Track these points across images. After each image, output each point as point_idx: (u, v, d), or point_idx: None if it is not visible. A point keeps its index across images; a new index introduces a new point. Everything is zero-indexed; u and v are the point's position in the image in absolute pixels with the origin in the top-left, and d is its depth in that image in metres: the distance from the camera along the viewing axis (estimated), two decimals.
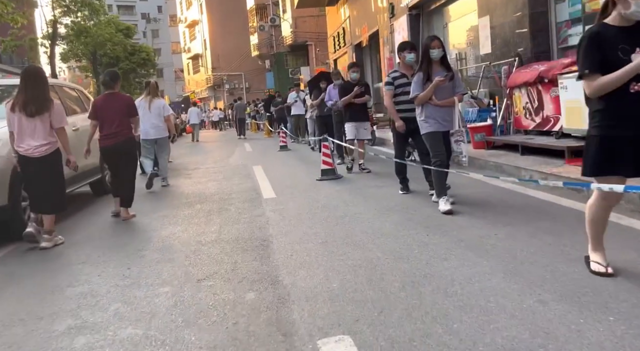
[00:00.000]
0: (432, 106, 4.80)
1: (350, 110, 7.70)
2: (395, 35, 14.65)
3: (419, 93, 4.80)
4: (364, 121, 7.80)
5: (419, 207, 5.16)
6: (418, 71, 4.92)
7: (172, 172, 10.51)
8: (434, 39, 4.84)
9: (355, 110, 7.65)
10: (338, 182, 7.33)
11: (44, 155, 4.64)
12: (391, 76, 5.67)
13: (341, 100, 7.75)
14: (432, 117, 4.83)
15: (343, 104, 7.71)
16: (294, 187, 7.25)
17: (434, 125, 4.84)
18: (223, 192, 7.38)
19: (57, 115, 4.71)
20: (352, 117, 7.69)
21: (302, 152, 12.83)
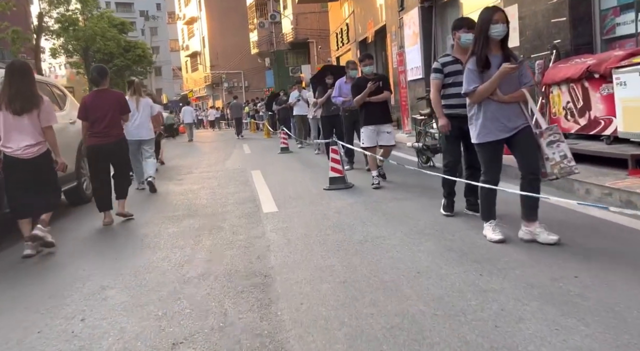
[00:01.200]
0: (496, 104, 3.55)
1: (367, 111, 6.39)
2: (405, 30, 13.67)
3: (478, 86, 3.54)
4: (386, 123, 6.47)
5: (456, 229, 4.18)
6: (471, 56, 3.62)
7: (162, 177, 9.54)
8: (497, 10, 3.61)
9: (374, 110, 6.35)
10: (349, 192, 6.35)
11: (36, 155, 4.44)
12: (440, 61, 4.42)
13: (354, 100, 6.47)
14: (494, 118, 3.58)
15: (357, 104, 6.47)
16: (299, 197, 6.27)
17: (494, 131, 3.60)
18: (217, 203, 6.40)
19: (46, 112, 4.48)
20: (370, 118, 6.37)
21: (305, 154, 11.84)
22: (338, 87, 7.81)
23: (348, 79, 7.72)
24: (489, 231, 3.76)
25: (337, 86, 7.84)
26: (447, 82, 4.36)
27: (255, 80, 42.73)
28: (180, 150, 17.59)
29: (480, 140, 3.68)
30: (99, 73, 5.59)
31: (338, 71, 9.16)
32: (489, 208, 3.81)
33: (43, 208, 4.59)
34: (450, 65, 4.36)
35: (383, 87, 6.41)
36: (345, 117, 7.77)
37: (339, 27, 23.90)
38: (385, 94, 6.44)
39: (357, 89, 6.48)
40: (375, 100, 6.37)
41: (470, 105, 3.72)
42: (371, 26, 17.90)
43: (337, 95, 7.77)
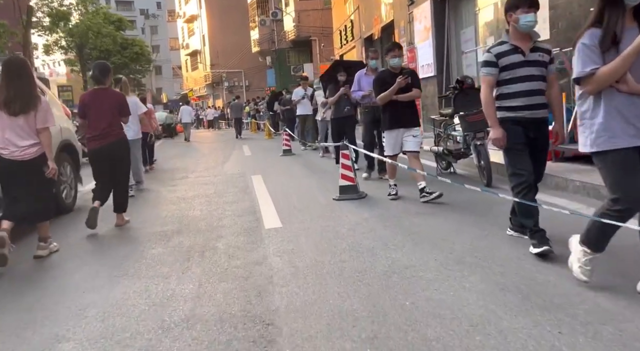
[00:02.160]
0: (623, 96, 2.53)
1: (391, 112, 5.41)
2: (415, 25, 12.89)
3: (598, 68, 2.51)
4: (413, 126, 5.47)
5: (504, 258, 3.39)
6: (589, 28, 2.59)
7: (154, 181, 8.77)
8: None
9: (400, 110, 5.39)
10: (363, 204, 5.57)
11: (33, 157, 4.20)
12: (495, 51, 3.40)
13: (378, 97, 5.46)
14: (621, 116, 2.53)
15: (381, 103, 5.49)
16: (305, 209, 5.49)
17: (622, 135, 2.53)
18: (212, 215, 5.61)
19: (44, 113, 4.23)
20: (395, 121, 5.40)
21: (309, 157, 11.05)
22: (357, 80, 6.91)
23: (369, 71, 6.81)
24: (582, 266, 2.77)
25: (357, 79, 6.93)
26: (504, 77, 3.41)
27: (256, 80, 41.93)
28: (178, 151, 16.81)
29: (601, 148, 2.58)
30: (100, 71, 5.24)
31: (351, 67, 8.25)
32: (603, 239, 2.71)
33: (40, 215, 4.32)
34: (508, 55, 3.39)
35: (412, 84, 5.42)
36: (365, 114, 6.91)
37: (342, 24, 23.13)
38: (415, 92, 5.46)
39: (381, 84, 5.44)
40: (402, 99, 5.37)
41: (583, 97, 2.67)
42: (377, 22, 17.12)
43: (356, 89, 6.88)
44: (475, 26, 10.95)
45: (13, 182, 4.21)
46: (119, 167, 5.31)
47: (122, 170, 5.38)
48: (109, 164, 5.20)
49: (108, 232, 5.20)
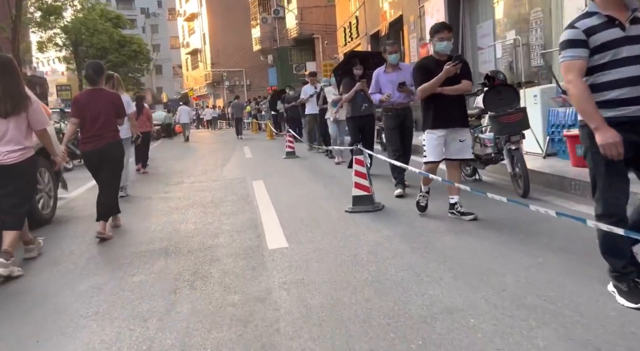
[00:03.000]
0: None
1: (436, 107, 4.39)
2: (427, 20, 12.14)
3: None
4: (463, 126, 4.49)
5: (577, 299, 2.65)
6: None
7: (146, 187, 8.04)
8: None
9: (447, 106, 4.36)
10: (380, 217, 4.84)
11: (17, 162, 3.95)
12: (581, 26, 2.49)
13: (420, 89, 4.40)
14: None
15: (422, 95, 4.42)
16: (314, 223, 4.76)
17: None
18: (207, 230, 4.88)
19: (37, 114, 4.05)
20: (440, 118, 4.38)
21: (315, 161, 10.31)
22: (375, 79, 5.96)
23: (389, 67, 5.86)
24: None
25: (375, 79, 5.98)
26: (598, 61, 2.48)
27: (257, 79, 41.20)
28: (176, 152, 16.12)
29: None
30: (94, 70, 5.00)
31: (369, 59, 7.31)
32: None
33: (14, 223, 3.96)
34: (602, 30, 2.46)
35: (462, 74, 4.35)
36: (388, 118, 5.92)
37: (347, 21, 22.39)
38: (465, 85, 4.38)
39: (424, 73, 4.37)
40: (449, 93, 4.33)
41: None
42: (385, 17, 16.39)
43: (374, 91, 5.92)
44: (492, 20, 10.21)
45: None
46: (112, 170, 5.05)
47: (115, 173, 5.10)
48: (102, 166, 4.94)
49: (88, 249, 4.47)
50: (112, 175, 5.04)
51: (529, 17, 8.76)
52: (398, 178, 5.82)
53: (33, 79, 26.71)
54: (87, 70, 5.10)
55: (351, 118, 7.26)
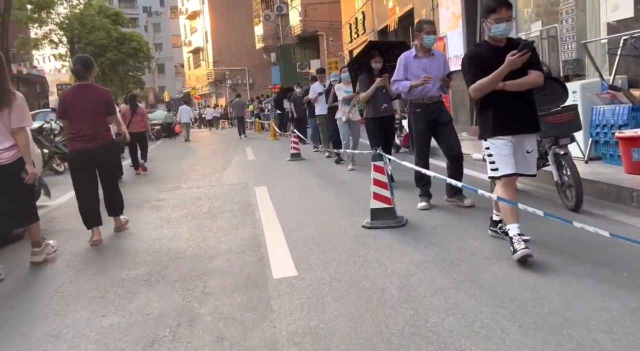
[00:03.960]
0: None
1: (497, 107, 3.31)
2: (441, 12, 11.38)
3: None
4: (534, 130, 3.41)
5: None
6: None
7: (138, 193, 7.31)
8: None
9: (514, 105, 3.29)
10: (405, 234, 4.08)
11: (10, 162, 3.80)
12: None
13: (472, 87, 3.30)
14: None
15: (478, 95, 3.32)
16: (327, 243, 4.01)
17: None
18: (201, 250, 4.14)
19: (19, 111, 3.84)
20: (503, 123, 3.30)
21: (321, 163, 9.56)
22: (403, 64, 4.91)
23: (421, 51, 4.89)
24: None
25: (402, 63, 4.92)
26: None
27: (260, 77, 40.45)
28: (175, 153, 15.42)
29: None
30: (83, 65, 4.71)
31: (390, 50, 6.36)
32: None
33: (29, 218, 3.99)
34: None
35: (530, 64, 3.24)
36: (417, 116, 5.01)
37: (352, 17, 21.64)
38: (535, 76, 3.28)
39: (479, 65, 3.28)
40: (515, 88, 3.24)
41: None
42: (394, 12, 15.62)
43: (401, 78, 4.97)
44: (515, 10, 9.42)
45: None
46: (109, 170, 4.86)
47: (112, 172, 4.98)
48: (96, 169, 4.70)
49: (56, 276, 3.74)
50: (110, 175, 4.91)
51: (558, 7, 7.98)
52: (424, 190, 4.99)
53: (32, 77, 26.07)
54: (75, 65, 4.80)
55: (372, 119, 6.27)
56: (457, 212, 4.68)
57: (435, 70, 4.84)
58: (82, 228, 5.09)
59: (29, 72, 21.51)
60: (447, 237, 3.92)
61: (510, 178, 3.32)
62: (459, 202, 4.80)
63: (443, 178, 3.82)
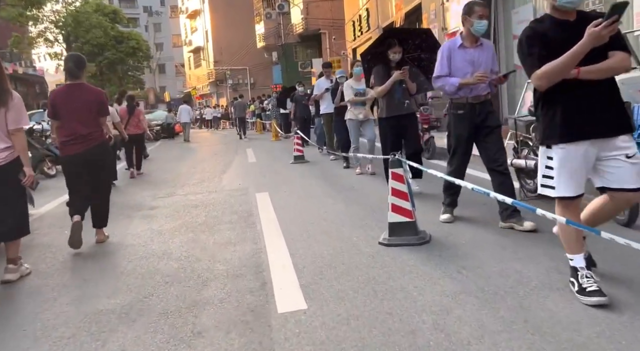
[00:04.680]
0: None
1: (569, 102, 2.54)
2: (452, 6, 10.80)
3: None
4: (622, 131, 2.54)
5: None
6: None
7: (131, 199, 6.75)
8: None
9: (590, 99, 2.52)
10: (430, 253, 3.51)
11: (6, 163, 3.64)
12: None
13: (542, 71, 2.48)
14: None
15: (549, 83, 2.50)
16: (340, 265, 3.44)
17: None
18: (193, 272, 3.57)
19: (16, 111, 3.69)
20: (577, 122, 2.52)
21: (326, 166, 8.99)
22: (445, 56, 4.04)
23: (468, 41, 4.02)
24: None
25: (444, 55, 4.05)
26: None
27: (262, 77, 39.89)
28: (174, 154, 14.90)
29: None
30: (75, 63, 4.50)
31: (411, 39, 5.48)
32: None
33: (13, 232, 3.74)
34: None
35: (609, 43, 2.42)
36: (457, 117, 4.11)
37: (356, 14, 21.08)
38: (620, 58, 2.50)
39: (544, 46, 2.51)
40: (594, 75, 2.48)
41: None
42: (400, 7, 15.05)
43: (444, 73, 4.08)
44: (533, 3, 8.84)
45: None
46: (101, 175, 4.62)
47: (104, 178, 4.74)
48: (88, 172, 4.47)
49: (29, 298, 3.17)
50: (102, 181, 4.66)
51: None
52: (452, 199, 4.36)
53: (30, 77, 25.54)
54: (67, 63, 4.56)
55: (385, 119, 5.48)
56: (486, 226, 4.11)
57: (484, 64, 4.02)
58: (62, 243, 4.56)
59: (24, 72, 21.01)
60: (481, 258, 3.35)
61: (570, 202, 2.60)
62: (516, 226, 3.89)
63: (494, 196, 2.90)
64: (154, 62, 50.03)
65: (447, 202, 4.39)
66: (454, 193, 4.35)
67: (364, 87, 7.08)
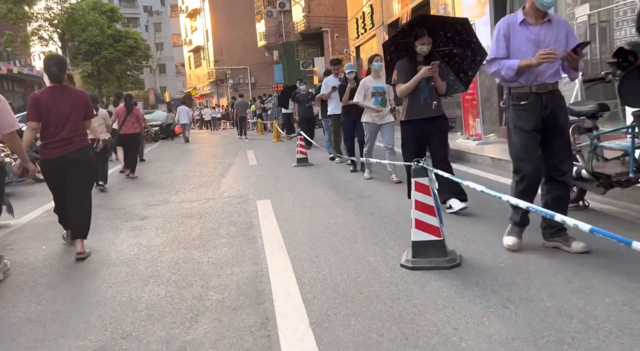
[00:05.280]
0: None
1: None
2: (464, 0, 10.21)
3: None
4: None
5: None
6: None
7: (121, 206, 6.17)
8: None
9: None
10: (465, 281, 2.94)
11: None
12: None
13: None
14: None
15: None
16: (357, 294, 2.88)
17: None
18: (181, 305, 3.00)
19: (4, 115, 3.76)
20: None
21: (331, 170, 8.42)
22: (503, 35, 3.28)
23: (532, 16, 3.28)
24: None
25: (501, 34, 3.29)
26: None
27: (263, 76, 39.33)
28: (172, 155, 14.36)
29: None
30: (59, 66, 4.35)
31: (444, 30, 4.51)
32: None
33: None
34: None
35: None
36: (519, 110, 3.30)
37: (359, 11, 20.51)
38: None
39: None
40: None
41: None
42: (406, 3, 14.47)
43: (500, 56, 3.30)
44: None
45: None
46: (81, 181, 4.37)
47: (84, 185, 4.46)
48: (69, 177, 4.28)
49: None
50: (82, 188, 4.39)
51: None
52: (523, 220, 3.44)
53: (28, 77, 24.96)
54: (49, 66, 4.33)
55: (407, 122, 4.64)
56: (525, 243, 3.53)
57: (553, 45, 3.24)
58: (36, 262, 4.02)
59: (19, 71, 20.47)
60: (528, 288, 2.77)
61: None
62: (564, 246, 3.29)
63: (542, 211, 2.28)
64: (154, 62, 49.48)
65: (518, 221, 3.42)
66: (523, 221, 3.44)
67: (383, 86, 6.47)
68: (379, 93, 6.58)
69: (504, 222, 3.59)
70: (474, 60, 4.61)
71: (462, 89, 4.82)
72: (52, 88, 4.32)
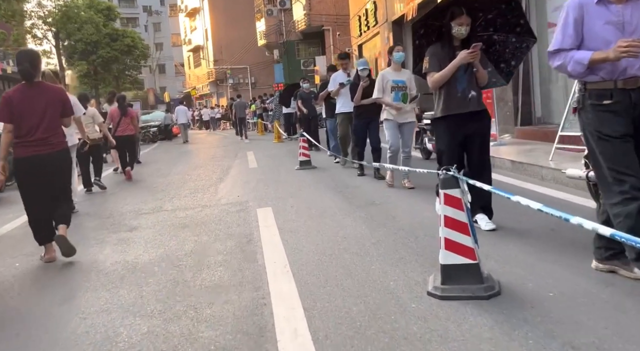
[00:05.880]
0: None
1: None
2: None
3: None
4: None
5: None
6: None
7: (108, 215, 5.65)
8: None
9: None
10: (507, 313, 2.42)
11: None
12: None
13: None
14: None
15: None
16: (378, 332, 2.37)
17: None
18: (166, 347, 2.48)
19: None
20: None
21: (337, 173, 7.91)
22: (573, 19, 2.64)
23: None
24: None
25: (571, 17, 2.64)
26: None
27: (263, 76, 38.84)
28: (169, 157, 13.91)
29: None
30: (32, 62, 4.06)
31: (484, 12, 3.80)
32: None
33: None
34: None
35: None
36: (599, 111, 2.66)
37: (362, 9, 19.99)
38: None
39: None
40: None
41: None
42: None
43: (568, 46, 2.69)
44: None
45: None
46: (58, 181, 4.20)
47: (62, 184, 4.26)
48: (46, 178, 4.08)
49: None
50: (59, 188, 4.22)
51: None
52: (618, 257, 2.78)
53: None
54: (22, 63, 4.06)
55: (443, 119, 3.89)
56: (571, 267, 3.01)
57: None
58: (6, 281, 3.56)
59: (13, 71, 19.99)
60: (592, 327, 2.25)
61: None
62: (622, 270, 2.75)
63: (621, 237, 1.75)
64: (154, 62, 49.01)
65: (608, 255, 2.80)
66: (618, 245, 2.73)
67: (404, 79, 5.92)
68: (399, 88, 5.94)
69: (541, 237, 3.07)
70: (520, 47, 3.92)
71: (503, 82, 4.15)
72: (24, 85, 4.07)
